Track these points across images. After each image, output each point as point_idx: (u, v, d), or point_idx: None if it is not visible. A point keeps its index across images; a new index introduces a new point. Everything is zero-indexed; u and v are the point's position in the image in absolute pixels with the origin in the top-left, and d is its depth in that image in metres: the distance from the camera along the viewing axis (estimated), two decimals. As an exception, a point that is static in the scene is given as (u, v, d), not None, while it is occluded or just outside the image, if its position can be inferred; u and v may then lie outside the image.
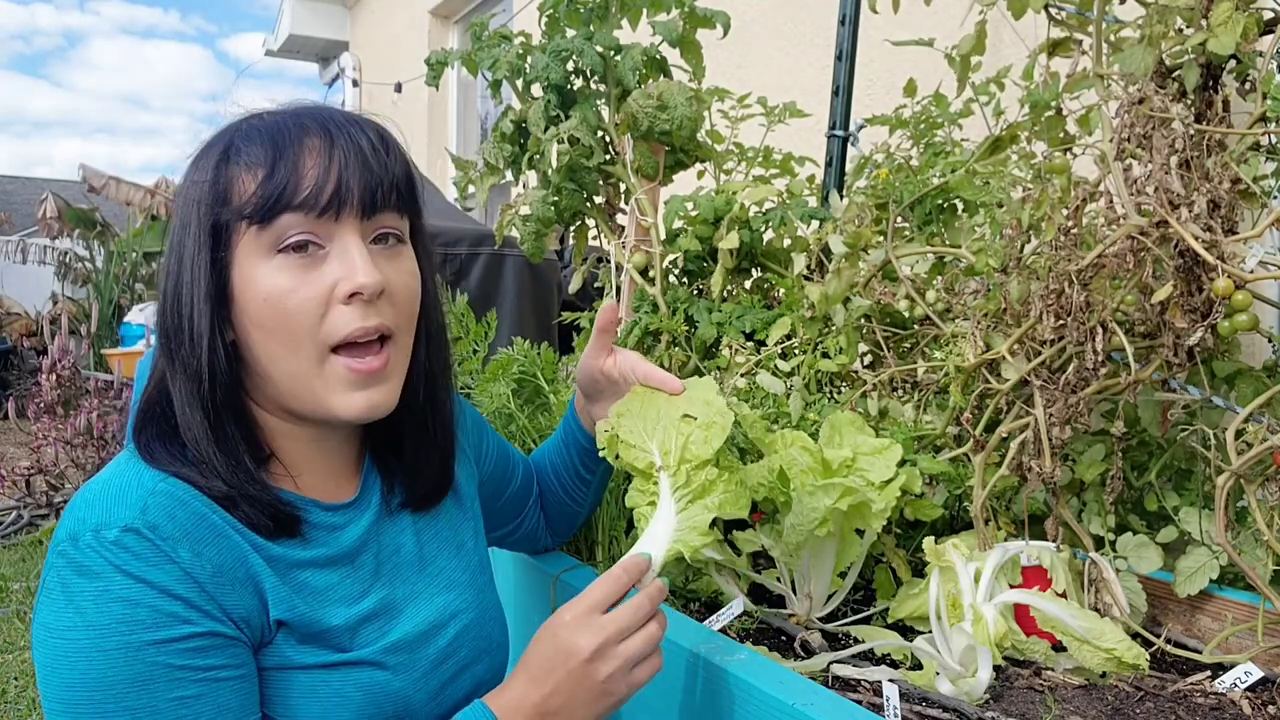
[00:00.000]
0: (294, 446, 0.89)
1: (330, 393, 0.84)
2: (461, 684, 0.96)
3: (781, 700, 0.88)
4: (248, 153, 0.81)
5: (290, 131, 0.82)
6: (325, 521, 0.89)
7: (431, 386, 0.97)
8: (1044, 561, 1.16)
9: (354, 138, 0.83)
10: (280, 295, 0.81)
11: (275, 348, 0.82)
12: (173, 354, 0.83)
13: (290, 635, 0.82)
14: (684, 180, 1.89)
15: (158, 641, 0.73)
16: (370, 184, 0.83)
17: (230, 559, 0.79)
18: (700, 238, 1.71)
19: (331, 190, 0.81)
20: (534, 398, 1.54)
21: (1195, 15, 1.07)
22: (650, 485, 0.96)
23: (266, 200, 0.80)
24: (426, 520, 1.00)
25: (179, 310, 0.82)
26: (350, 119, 0.86)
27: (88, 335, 8.43)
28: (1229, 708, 1.02)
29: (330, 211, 0.81)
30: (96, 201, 10.89)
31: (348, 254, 0.82)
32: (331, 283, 0.82)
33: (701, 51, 1.72)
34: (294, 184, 0.80)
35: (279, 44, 8.81)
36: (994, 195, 1.48)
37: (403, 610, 0.92)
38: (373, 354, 0.85)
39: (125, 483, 0.78)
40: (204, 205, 0.82)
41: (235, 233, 0.81)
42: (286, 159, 0.80)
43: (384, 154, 0.85)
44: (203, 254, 0.81)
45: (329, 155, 0.81)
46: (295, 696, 0.82)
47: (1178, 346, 1.09)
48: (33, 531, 4.84)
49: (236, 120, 0.86)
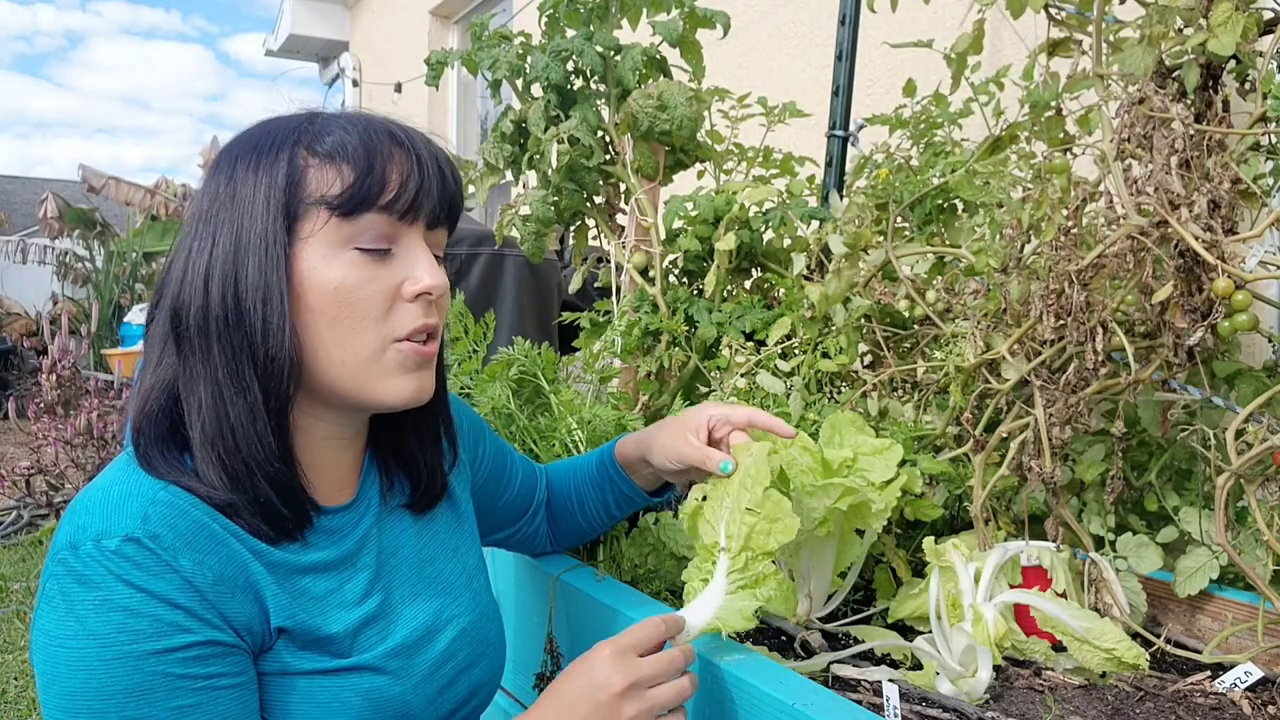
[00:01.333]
0: (309, 445, 0.89)
1: (387, 376, 0.86)
2: (459, 687, 0.96)
3: (781, 700, 0.88)
4: (335, 147, 0.82)
5: (377, 133, 0.84)
6: (325, 524, 0.89)
7: (439, 390, 0.99)
8: (1044, 561, 1.16)
9: (431, 151, 0.88)
10: (351, 287, 0.82)
11: (334, 336, 0.83)
12: (217, 342, 0.81)
13: (290, 642, 0.82)
14: (684, 180, 1.89)
15: (158, 651, 0.72)
16: (444, 196, 0.87)
17: (231, 567, 0.79)
18: (700, 238, 1.71)
19: (413, 195, 0.84)
20: (534, 398, 1.54)
21: (1195, 15, 1.07)
22: (708, 564, 0.99)
23: (358, 194, 0.81)
24: (424, 523, 1.01)
25: (236, 297, 0.81)
26: (419, 133, 0.89)
27: (88, 335, 8.43)
28: (1229, 708, 1.02)
29: (410, 215, 0.85)
30: (96, 201, 10.90)
31: (415, 256, 0.85)
32: (399, 281, 0.85)
33: (701, 51, 1.73)
34: (383, 183, 0.82)
35: (279, 44, 8.81)
36: (994, 195, 1.48)
37: (401, 613, 0.92)
38: (425, 341, 0.88)
39: (126, 490, 0.78)
40: (276, 190, 0.81)
41: (310, 220, 0.82)
42: (380, 157, 0.83)
43: (452, 172, 0.90)
44: (278, 241, 0.81)
45: (416, 162, 0.85)
46: (294, 702, 0.82)
47: (1178, 346, 1.09)
48: (33, 531, 4.84)
49: (293, 120, 0.86)
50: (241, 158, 0.84)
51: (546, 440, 1.44)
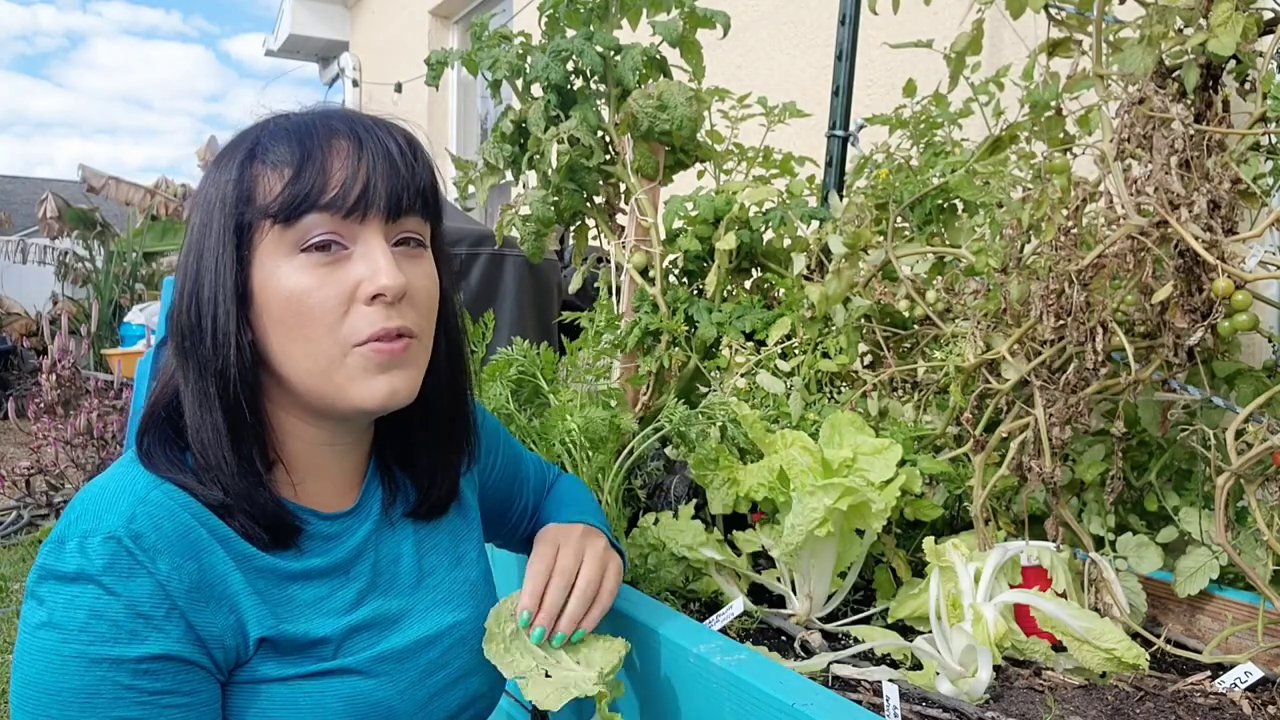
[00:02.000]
0: (302, 450, 0.88)
1: (352, 381, 0.83)
2: (453, 696, 0.94)
3: (781, 700, 0.88)
4: (274, 152, 0.81)
5: (318, 132, 0.82)
6: (322, 531, 0.88)
7: (453, 397, 0.96)
8: (1044, 561, 1.16)
9: (382, 140, 0.84)
10: (302, 294, 0.80)
11: (295, 346, 0.82)
12: (188, 354, 0.82)
13: (273, 650, 0.81)
14: (684, 180, 1.89)
15: (111, 658, 0.72)
16: (397, 187, 0.83)
17: (211, 575, 0.78)
18: (700, 238, 1.70)
19: (359, 192, 0.81)
20: (533, 398, 1.54)
21: (1195, 15, 1.07)
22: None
23: (293, 200, 0.79)
24: (427, 530, 0.99)
25: (198, 310, 0.82)
26: (379, 123, 0.86)
27: (88, 335, 8.42)
28: (1229, 708, 1.02)
29: (356, 213, 0.81)
30: (96, 201, 10.89)
31: (371, 255, 0.82)
32: (354, 283, 0.81)
33: (701, 51, 1.72)
34: (321, 184, 0.80)
35: (279, 44, 8.81)
36: (994, 195, 1.48)
37: (397, 622, 0.91)
38: (394, 342, 0.84)
39: (119, 488, 0.78)
40: (228, 203, 0.81)
41: (258, 231, 0.81)
42: (314, 159, 0.80)
43: (411, 158, 0.86)
44: (226, 252, 0.81)
45: (357, 157, 0.82)
46: (275, 709, 0.81)
47: (1178, 346, 1.09)
48: (33, 531, 4.84)
49: (262, 120, 0.86)
50: (210, 168, 0.85)
51: (545, 440, 1.44)
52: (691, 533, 1.30)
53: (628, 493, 1.53)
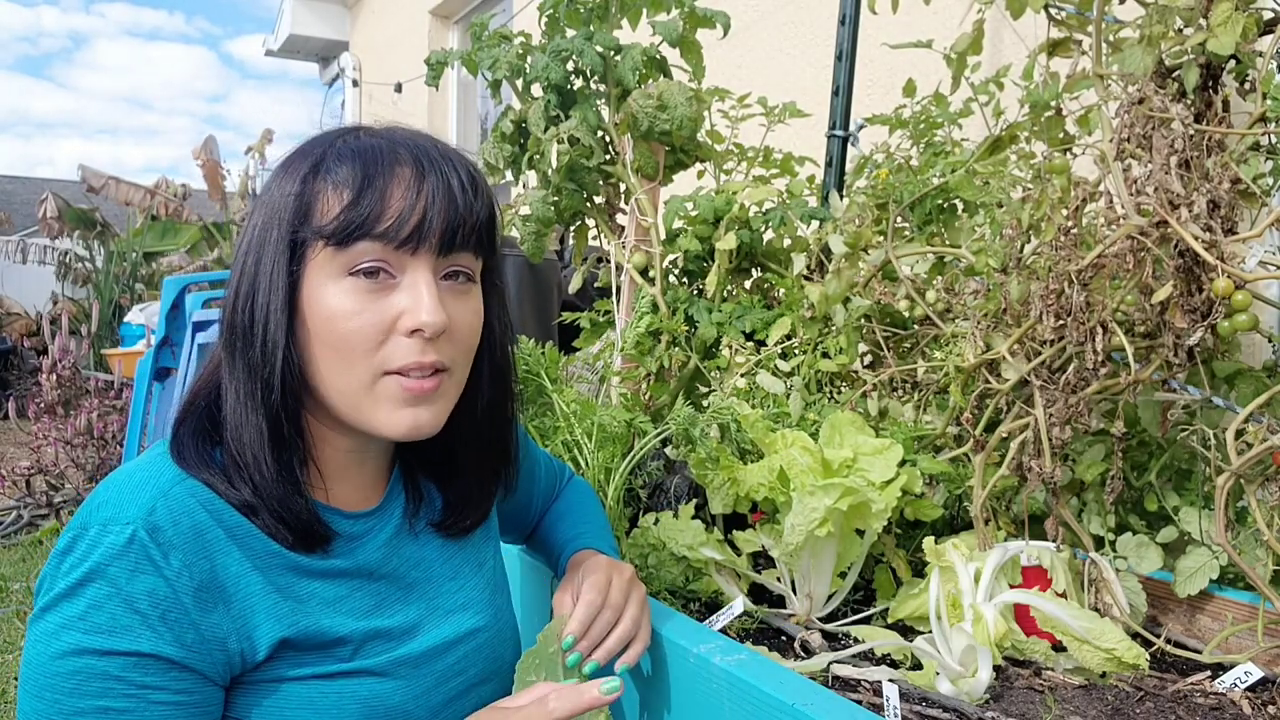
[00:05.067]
0: (333, 455, 0.89)
1: (378, 409, 0.84)
2: (467, 703, 0.94)
3: (781, 700, 0.88)
4: (337, 171, 0.82)
5: (383, 157, 0.82)
6: (346, 530, 0.89)
7: (495, 424, 0.97)
8: (1044, 561, 1.16)
9: (445, 174, 0.84)
10: (343, 317, 0.81)
11: (331, 364, 0.83)
12: (237, 354, 0.83)
13: (293, 649, 0.82)
14: (684, 180, 1.89)
15: (103, 650, 0.73)
16: (454, 223, 0.83)
17: (224, 576, 0.79)
18: (700, 238, 1.71)
19: (414, 224, 0.81)
20: (536, 397, 1.54)
21: (1195, 15, 1.07)
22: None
23: (348, 224, 0.80)
24: (449, 535, 1.00)
25: (252, 313, 0.82)
26: (445, 154, 0.86)
27: (88, 335, 8.43)
28: (1229, 708, 1.02)
29: (409, 245, 0.81)
30: (96, 201, 10.89)
31: (417, 288, 0.82)
32: (396, 314, 0.82)
33: (701, 51, 1.73)
34: (377, 212, 0.80)
35: (279, 44, 8.82)
36: (994, 195, 1.48)
37: (418, 626, 0.91)
38: (426, 376, 0.84)
39: (144, 478, 0.79)
40: (286, 217, 0.82)
41: (312, 249, 0.82)
42: (375, 185, 0.81)
43: (471, 195, 0.85)
44: (281, 263, 0.82)
45: (418, 188, 0.82)
46: (291, 709, 0.81)
47: (1178, 346, 1.09)
48: (33, 531, 4.84)
49: (332, 134, 0.86)
50: (278, 171, 0.85)
51: (549, 441, 1.44)
52: (692, 532, 1.30)
53: (628, 492, 1.53)
